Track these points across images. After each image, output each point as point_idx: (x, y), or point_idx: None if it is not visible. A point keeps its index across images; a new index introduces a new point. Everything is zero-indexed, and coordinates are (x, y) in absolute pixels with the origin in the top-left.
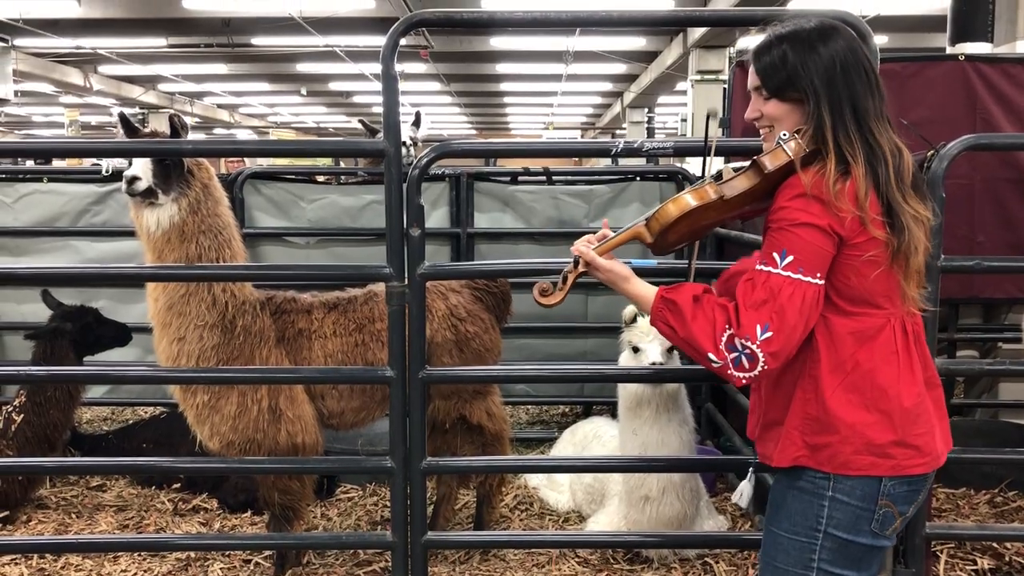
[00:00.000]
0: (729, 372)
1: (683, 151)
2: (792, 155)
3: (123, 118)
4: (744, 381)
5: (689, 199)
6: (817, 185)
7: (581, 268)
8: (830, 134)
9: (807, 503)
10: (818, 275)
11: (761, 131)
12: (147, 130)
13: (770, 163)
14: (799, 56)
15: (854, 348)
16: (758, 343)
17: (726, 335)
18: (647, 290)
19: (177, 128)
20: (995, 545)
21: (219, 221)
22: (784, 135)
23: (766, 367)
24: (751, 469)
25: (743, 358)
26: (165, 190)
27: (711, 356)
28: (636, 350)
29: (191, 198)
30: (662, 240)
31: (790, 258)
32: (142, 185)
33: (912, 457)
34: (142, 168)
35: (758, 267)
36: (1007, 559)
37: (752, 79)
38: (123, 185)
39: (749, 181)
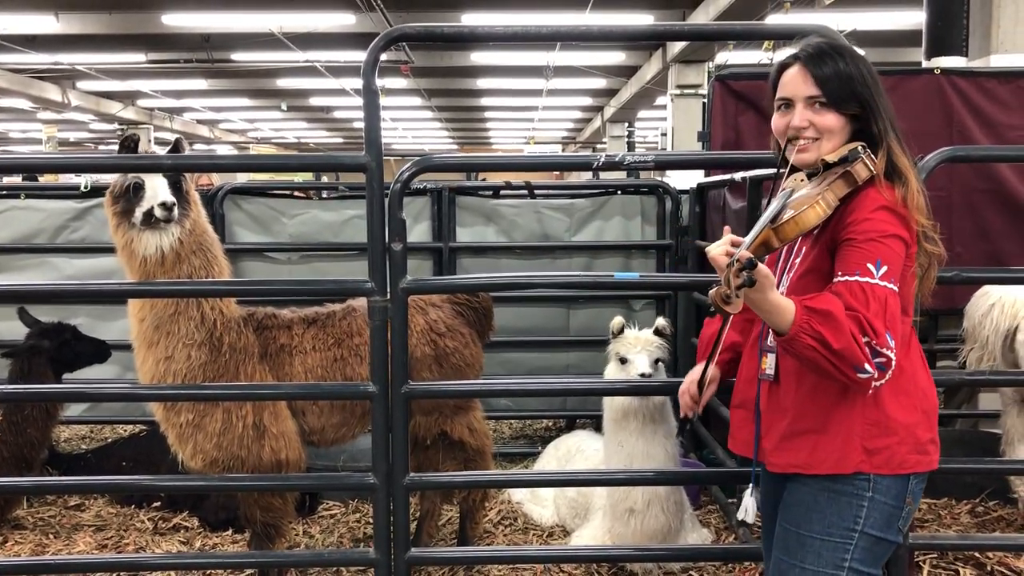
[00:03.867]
0: (872, 383)
1: (664, 164)
2: (876, 169)
3: (133, 142)
4: (870, 391)
5: (819, 207)
6: (897, 199)
7: (748, 273)
8: (898, 149)
9: (845, 505)
10: (898, 285)
11: (800, 142)
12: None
13: (862, 173)
14: (859, 70)
15: (900, 354)
16: (892, 350)
17: (864, 343)
18: (787, 301)
19: (181, 150)
20: (977, 555)
21: (207, 239)
22: (860, 148)
23: (890, 375)
24: (751, 484)
25: (875, 368)
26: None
27: (865, 367)
28: (624, 361)
29: (191, 218)
30: (783, 246)
31: (884, 268)
32: (176, 211)
33: (935, 452)
34: (169, 191)
35: (853, 278)
36: (989, 568)
37: (806, 88)
38: (157, 212)
39: (843, 190)
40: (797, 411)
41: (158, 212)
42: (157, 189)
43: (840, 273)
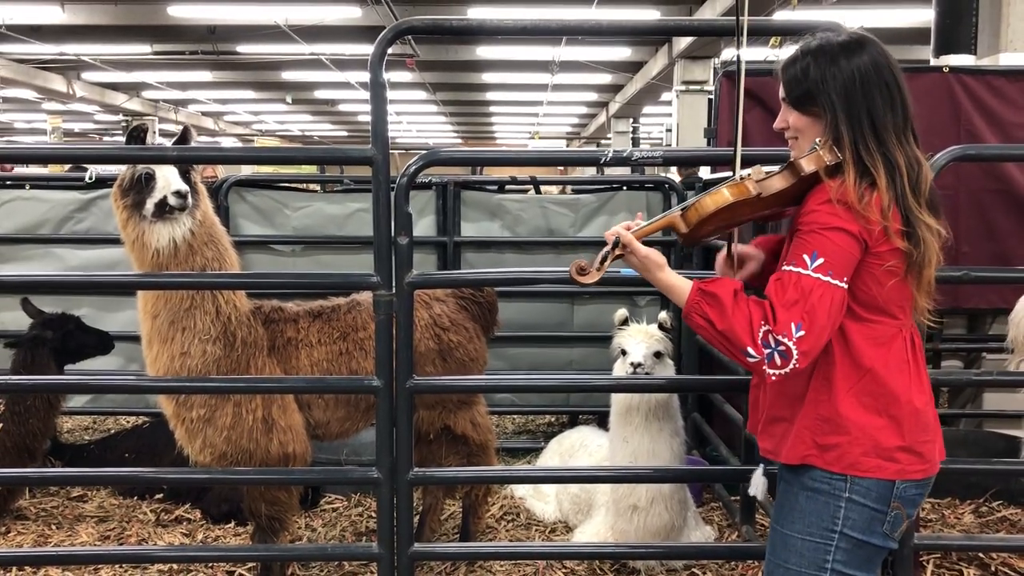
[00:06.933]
0: (763, 368)
1: (672, 160)
2: (823, 162)
3: (142, 131)
4: (774, 378)
5: (728, 194)
6: (845, 193)
7: (619, 251)
8: (848, 147)
9: (823, 504)
10: (844, 279)
11: (788, 141)
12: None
13: (807, 166)
14: (820, 70)
15: (869, 353)
16: (794, 340)
17: (762, 331)
18: (682, 281)
19: (188, 139)
20: (981, 555)
21: (217, 230)
22: (818, 141)
23: (797, 365)
24: (760, 462)
25: (776, 355)
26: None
27: (749, 350)
28: (624, 353)
29: (201, 209)
30: (696, 231)
31: (820, 260)
32: (191, 200)
33: (915, 463)
34: (181, 180)
35: (787, 268)
36: (993, 569)
37: (780, 90)
38: (171, 200)
39: (784, 182)
40: (774, 398)
41: (172, 200)
42: (169, 178)
43: (782, 263)
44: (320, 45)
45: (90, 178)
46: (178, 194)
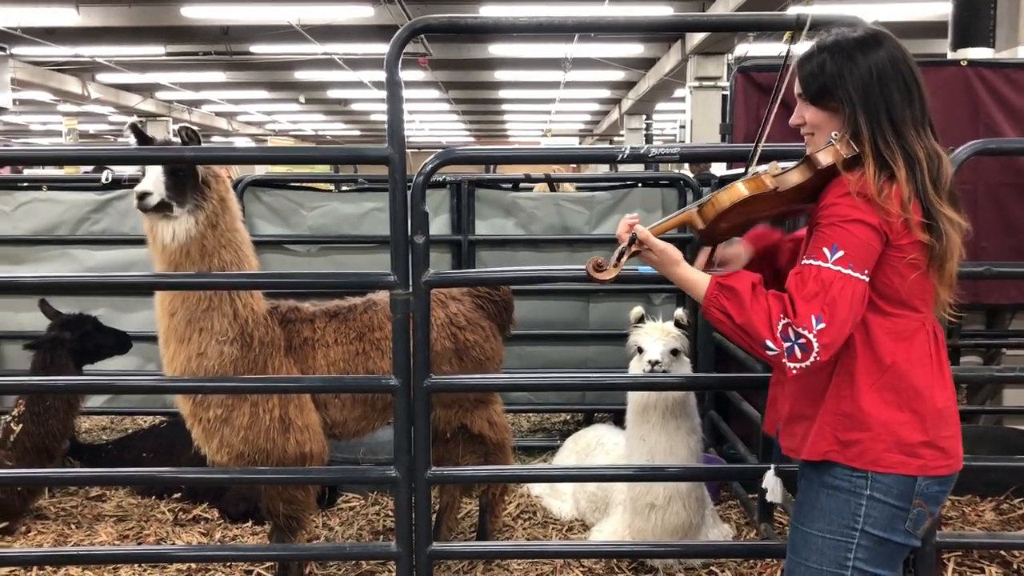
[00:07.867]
0: (783, 361)
1: (689, 156)
2: (840, 155)
3: (136, 128)
4: (795, 371)
5: (744, 188)
6: (864, 185)
7: (636, 247)
8: (867, 141)
9: (844, 502)
10: (865, 272)
11: (804, 137)
12: (160, 140)
13: (824, 159)
14: (837, 65)
15: (891, 348)
16: (814, 333)
17: (781, 323)
18: (699, 276)
19: (186, 141)
20: (1003, 553)
21: (238, 236)
22: (835, 135)
23: (818, 358)
24: (772, 465)
25: (796, 348)
26: (180, 202)
27: (768, 343)
28: (641, 351)
29: (208, 211)
30: (713, 227)
31: (840, 253)
32: (153, 200)
33: (938, 458)
34: (153, 182)
35: (807, 261)
36: (1015, 567)
37: (796, 86)
38: (134, 201)
39: (801, 176)
40: (795, 396)
41: (134, 201)
42: (146, 179)
43: (802, 257)
44: (333, 45)
45: (106, 179)
46: (139, 195)
